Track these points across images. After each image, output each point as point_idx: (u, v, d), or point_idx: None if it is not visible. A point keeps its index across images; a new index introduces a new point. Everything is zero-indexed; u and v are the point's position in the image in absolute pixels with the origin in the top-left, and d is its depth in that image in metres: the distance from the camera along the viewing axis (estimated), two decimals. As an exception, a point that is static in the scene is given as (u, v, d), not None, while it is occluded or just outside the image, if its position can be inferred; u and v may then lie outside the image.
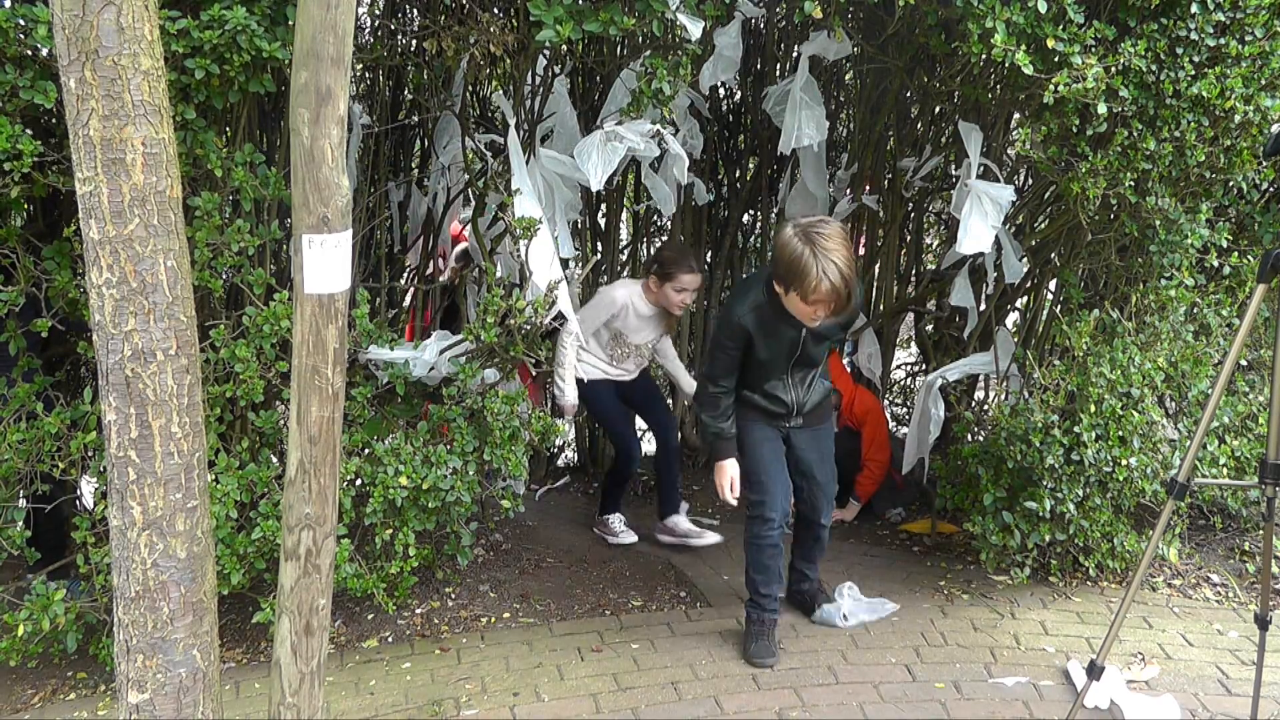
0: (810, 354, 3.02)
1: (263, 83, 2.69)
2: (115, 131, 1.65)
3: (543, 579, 3.70)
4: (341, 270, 1.78)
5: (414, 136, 4.29)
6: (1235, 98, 3.08)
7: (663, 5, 2.98)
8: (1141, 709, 2.77)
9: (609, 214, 4.60)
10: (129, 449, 1.75)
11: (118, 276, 1.70)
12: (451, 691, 2.90)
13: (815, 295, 2.66)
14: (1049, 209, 4.16)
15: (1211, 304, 3.72)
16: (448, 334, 3.29)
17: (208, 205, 2.76)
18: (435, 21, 3.19)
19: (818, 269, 2.62)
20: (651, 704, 2.84)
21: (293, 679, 1.91)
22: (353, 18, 1.72)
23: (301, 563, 1.86)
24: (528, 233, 3.12)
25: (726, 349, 2.96)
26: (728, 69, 3.71)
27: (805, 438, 3.21)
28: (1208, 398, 2.90)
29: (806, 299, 2.68)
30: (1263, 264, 2.35)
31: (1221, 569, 3.76)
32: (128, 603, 1.80)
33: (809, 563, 3.41)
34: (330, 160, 1.73)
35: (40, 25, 2.44)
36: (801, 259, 2.64)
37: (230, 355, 2.82)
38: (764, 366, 2.99)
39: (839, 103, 4.72)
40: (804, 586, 3.44)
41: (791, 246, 2.67)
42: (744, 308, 2.89)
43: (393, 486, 2.92)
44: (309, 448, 1.82)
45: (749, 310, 2.89)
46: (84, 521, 2.82)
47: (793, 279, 2.68)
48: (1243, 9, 3.09)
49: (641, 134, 3.22)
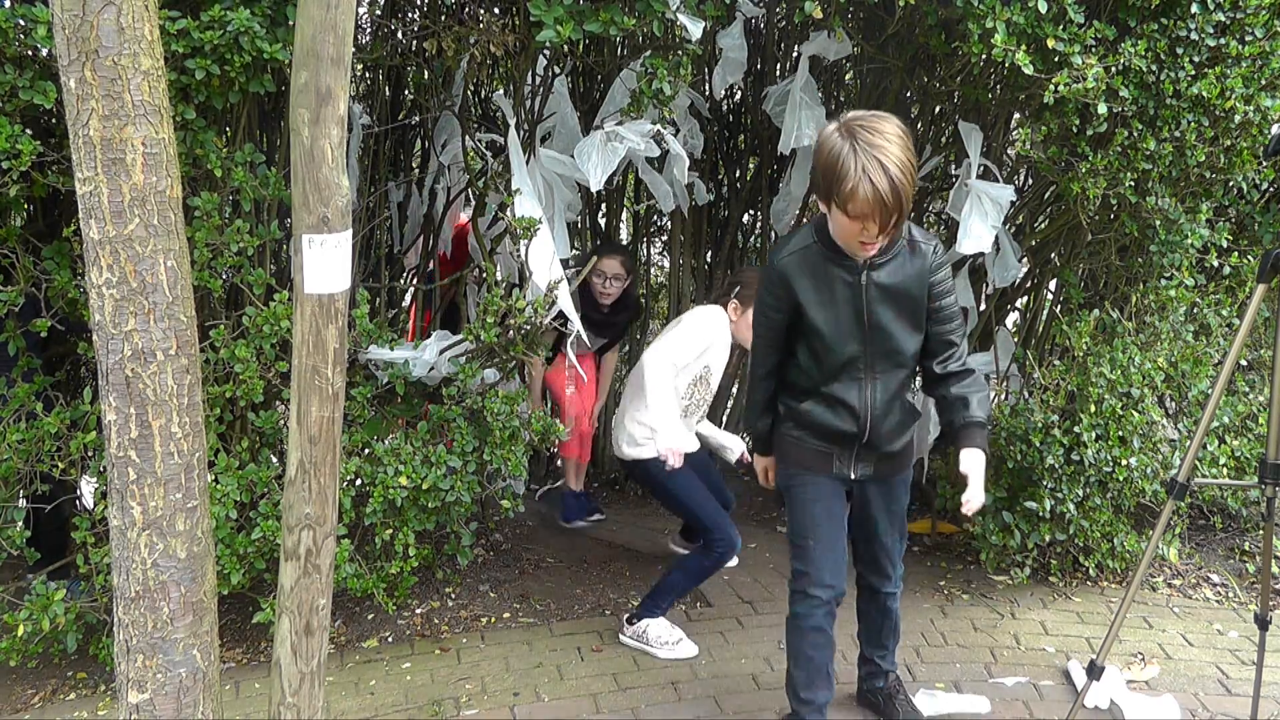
0: (885, 328, 2.28)
1: (263, 83, 2.69)
2: (115, 131, 1.65)
3: (543, 579, 3.69)
4: (341, 270, 1.78)
5: (414, 136, 4.29)
6: (1235, 98, 3.08)
7: (663, 5, 2.98)
8: (1141, 709, 2.77)
9: (609, 214, 4.60)
10: (129, 449, 1.75)
11: (118, 276, 1.70)
12: (451, 691, 2.89)
13: (856, 204, 2.06)
14: (1049, 209, 4.16)
15: (1211, 304, 3.72)
16: (448, 334, 3.29)
17: (207, 205, 2.76)
18: (435, 21, 3.19)
19: (858, 167, 2.04)
20: (651, 704, 2.84)
21: (293, 679, 1.91)
22: (353, 18, 1.72)
23: (301, 563, 1.86)
24: (527, 233, 3.12)
25: (767, 313, 2.36)
26: (735, 71, 3.71)
27: (877, 494, 2.48)
28: (1208, 398, 2.90)
29: (847, 209, 2.09)
30: (1263, 264, 2.35)
31: (1221, 569, 3.76)
32: (128, 603, 1.80)
33: (879, 648, 2.70)
34: (330, 160, 1.73)
35: (40, 25, 2.44)
36: (840, 158, 2.06)
37: (230, 355, 2.82)
38: (824, 346, 2.30)
39: (839, 103, 4.72)
40: (877, 684, 2.74)
41: (830, 144, 2.10)
42: (785, 251, 2.31)
43: (393, 486, 2.92)
44: (309, 448, 1.82)
45: (792, 253, 2.29)
46: (84, 521, 2.82)
47: (831, 184, 2.10)
48: (1243, 9, 3.10)
49: (642, 134, 3.22)
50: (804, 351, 2.37)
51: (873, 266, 2.25)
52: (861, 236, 2.15)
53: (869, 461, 2.43)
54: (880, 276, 2.26)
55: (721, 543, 3.07)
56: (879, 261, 2.25)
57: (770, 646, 3.18)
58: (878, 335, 2.30)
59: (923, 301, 2.30)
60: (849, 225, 2.14)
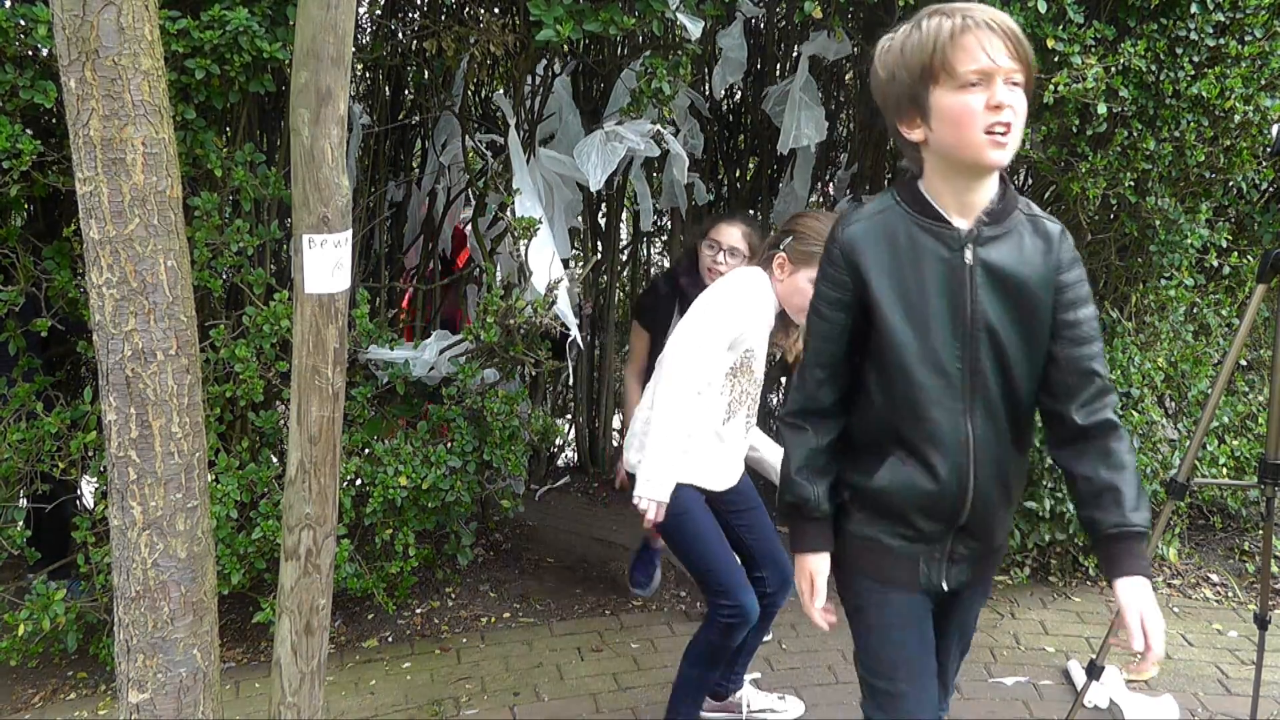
0: (998, 334, 1.57)
1: (263, 83, 2.69)
2: (115, 131, 1.65)
3: (543, 579, 3.70)
4: (341, 270, 1.78)
5: (414, 136, 4.29)
6: (1235, 98, 3.08)
7: (662, 5, 2.98)
8: (1141, 709, 2.78)
9: (609, 214, 4.60)
10: (129, 449, 1.75)
11: (118, 276, 1.70)
12: (451, 691, 2.90)
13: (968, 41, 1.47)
14: (1049, 209, 4.16)
15: (1211, 304, 3.72)
16: (447, 334, 3.30)
17: (207, 205, 2.76)
18: (435, 21, 3.19)
19: (952, 12, 1.51)
20: (651, 704, 2.84)
21: (293, 679, 1.91)
22: (353, 18, 1.72)
23: (301, 562, 1.86)
24: (527, 233, 3.12)
25: (822, 312, 1.65)
26: (735, 71, 3.72)
27: (954, 604, 1.77)
28: (1207, 398, 2.90)
29: (957, 63, 1.47)
30: (1262, 264, 2.35)
31: (1221, 569, 3.76)
32: (128, 602, 1.80)
33: None
34: (330, 160, 1.73)
35: (40, 25, 2.44)
36: (921, 24, 1.54)
37: (230, 355, 2.82)
38: (903, 360, 1.57)
39: (839, 103, 4.72)
40: None
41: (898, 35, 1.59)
42: (854, 218, 1.64)
43: (393, 486, 2.92)
44: (309, 448, 1.82)
45: (866, 218, 1.62)
46: (84, 521, 2.82)
47: (919, 59, 1.51)
48: (1242, 9, 3.10)
49: (641, 134, 3.22)
50: (874, 376, 1.61)
51: (980, 240, 1.56)
52: (994, 100, 1.46)
53: (966, 559, 1.68)
54: (992, 255, 1.56)
55: (728, 610, 2.36)
56: (988, 234, 1.57)
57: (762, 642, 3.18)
58: (986, 344, 1.57)
59: (1048, 305, 1.59)
60: (966, 97, 1.47)
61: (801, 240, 2.32)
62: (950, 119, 1.50)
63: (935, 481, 1.60)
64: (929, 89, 1.51)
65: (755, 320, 2.38)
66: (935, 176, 1.58)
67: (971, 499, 1.61)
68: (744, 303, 2.35)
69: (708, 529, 2.40)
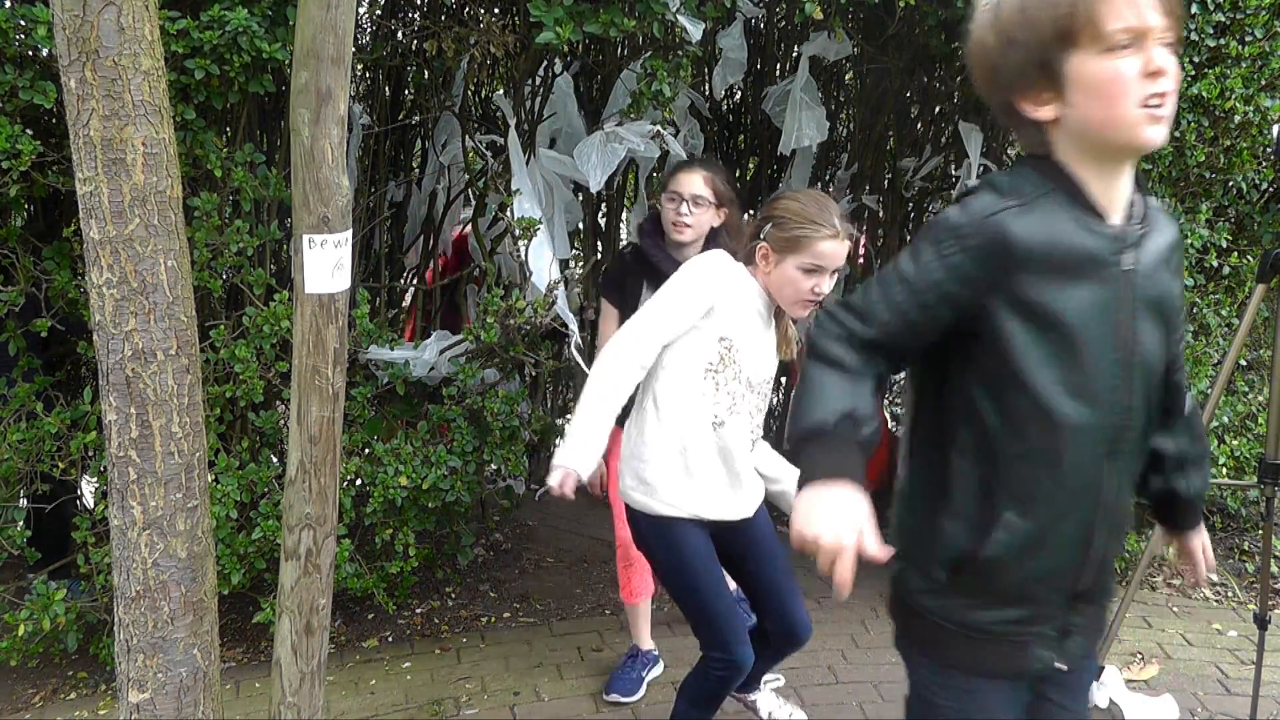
0: (1149, 362, 1.31)
1: (263, 83, 2.69)
2: (115, 131, 1.65)
3: (543, 579, 3.70)
4: (342, 270, 1.78)
5: (414, 137, 4.29)
6: (1235, 98, 3.08)
7: (663, 7, 2.98)
8: (1141, 708, 2.78)
9: (609, 214, 4.60)
10: (129, 449, 1.75)
11: (118, 276, 1.70)
12: (451, 691, 2.90)
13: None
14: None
15: (1211, 304, 3.72)
16: (447, 334, 3.30)
17: (207, 205, 2.76)
18: (435, 22, 3.19)
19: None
20: (651, 704, 2.84)
21: (293, 678, 1.91)
22: (353, 18, 1.72)
23: (302, 562, 1.86)
24: (527, 233, 3.12)
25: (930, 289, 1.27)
26: (735, 72, 3.72)
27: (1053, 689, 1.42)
28: (1207, 398, 2.90)
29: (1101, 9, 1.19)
30: (1262, 264, 2.36)
31: (1221, 569, 3.76)
32: (128, 602, 1.80)
33: None
34: (330, 160, 1.73)
35: (40, 25, 2.44)
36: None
37: (230, 355, 2.82)
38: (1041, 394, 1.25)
39: (839, 103, 4.72)
40: None
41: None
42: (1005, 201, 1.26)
43: (393, 486, 2.92)
44: (309, 448, 1.83)
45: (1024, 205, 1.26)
46: (84, 521, 2.82)
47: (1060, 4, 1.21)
48: (1243, 9, 3.10)
49: (642, 134, 3.22)
50: (990, 409, 1.28)
51: (1136, 243, 1.29)
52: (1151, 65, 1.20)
53: (1082, 629, 1.40)
54: (1146, 260, 1.30)
55: (719, 664, 2.14)
56: (1139, 234, 1.29)
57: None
58: (1140, 372, 1.30)
59: (1179, 319, 1.37)
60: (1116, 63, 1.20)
61: (781, 225, 2.09)
62: (1097, 90, 1.22)
63: (1060, 543, 1.31)
64: (1066, 54, 1.22)
65: (727, 298, 2.09)
66: (1070, 163, 1.28)
67: (1091, 559, 1.34)
68: (710, 273, 2.10)
69: (704, 573, 2.14)
